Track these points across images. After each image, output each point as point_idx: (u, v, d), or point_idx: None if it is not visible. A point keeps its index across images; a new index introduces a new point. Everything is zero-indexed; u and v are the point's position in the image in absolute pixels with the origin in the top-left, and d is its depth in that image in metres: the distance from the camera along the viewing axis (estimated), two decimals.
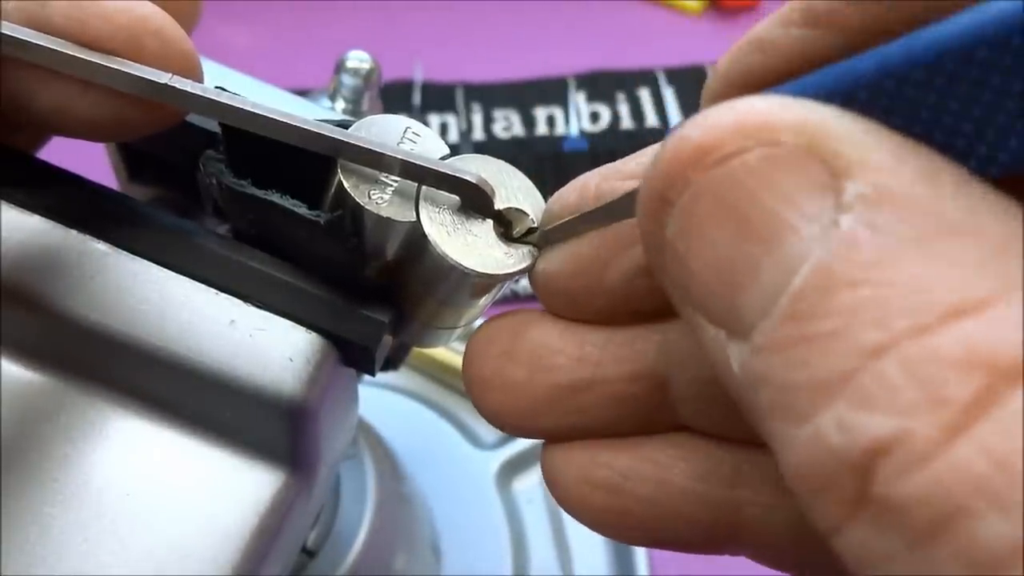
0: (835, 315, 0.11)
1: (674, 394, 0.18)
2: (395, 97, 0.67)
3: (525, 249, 0.18)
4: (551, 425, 0.18)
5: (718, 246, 0.13)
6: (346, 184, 0.18)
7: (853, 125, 0.12)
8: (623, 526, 0.18)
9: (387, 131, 0.19)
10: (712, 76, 0.16)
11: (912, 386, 0.11)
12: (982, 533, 0.10)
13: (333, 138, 0.18)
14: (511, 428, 0.19)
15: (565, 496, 0.19)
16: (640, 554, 0.43)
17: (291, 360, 0.19)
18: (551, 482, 0.19)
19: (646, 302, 0.18)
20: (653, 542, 0.19)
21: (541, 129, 0.67)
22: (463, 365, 0.19)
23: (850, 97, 0.13)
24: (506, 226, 0.19)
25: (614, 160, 0.18)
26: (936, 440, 0.11)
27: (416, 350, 0.44)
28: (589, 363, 0.18)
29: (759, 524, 0.17)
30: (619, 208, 0.17)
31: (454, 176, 0.18)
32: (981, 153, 0.12)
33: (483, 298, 0.20)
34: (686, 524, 0.18)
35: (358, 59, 0.32)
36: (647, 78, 0.71)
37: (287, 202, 0.19)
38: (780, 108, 0.13)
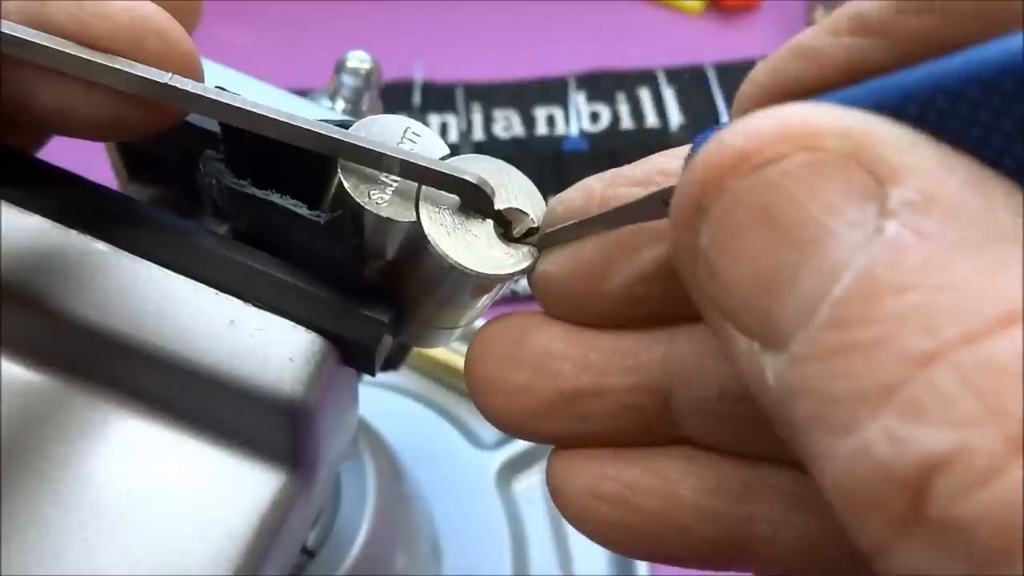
0: (881, 322, 0.11)
1: (678, 407, 0.18)
2: (395, 97, 0.67)
3: (525, 249, 0.18)
4: (553, 430, 0.18)
5: (755, 254, 0.12)
6: (346, 184, 0.18)
7: (900, 133, 0.12)
8: (628, 540, 0.18)
9: (387, 131, 0.19)
10: (748, 84, 0.16)
11: (968, 397, 0.10)
12: None
13: (333, 138, 0.18)
14: (513, 431, 0.19)
15: (570, 508, 0.18)
16: None
17: (291, 360, 0.19)
18: (556, 493, 0.19)
19: (646, 308, 0.18)
20: (659, 557, 0.18)
21: (541, 129, 0.67)
22: (466, 365, 0.19)
23: (898, 111, 0.12)
24: (506, 226, 0.19)
25: (614, 160, 0.18)
26: (999, 455, 0.10)
27: (416, 350, 0.44)
28: (592, 371, 0.18)
29: (768, 540, 0.17)
30: (627, 213, 0.17)
31: (454, 176, 0.18)
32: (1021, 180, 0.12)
33: (483, 298, 0.20)
34: (693, 539, 0.17)
35: (358, 59, 0.32)
36: (647, 78, 0.71)
37: (287, 202, 0.19)
38: (824, 114, 0.12)
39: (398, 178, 0.18)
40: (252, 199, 0.19)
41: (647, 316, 0.18)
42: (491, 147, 0.65)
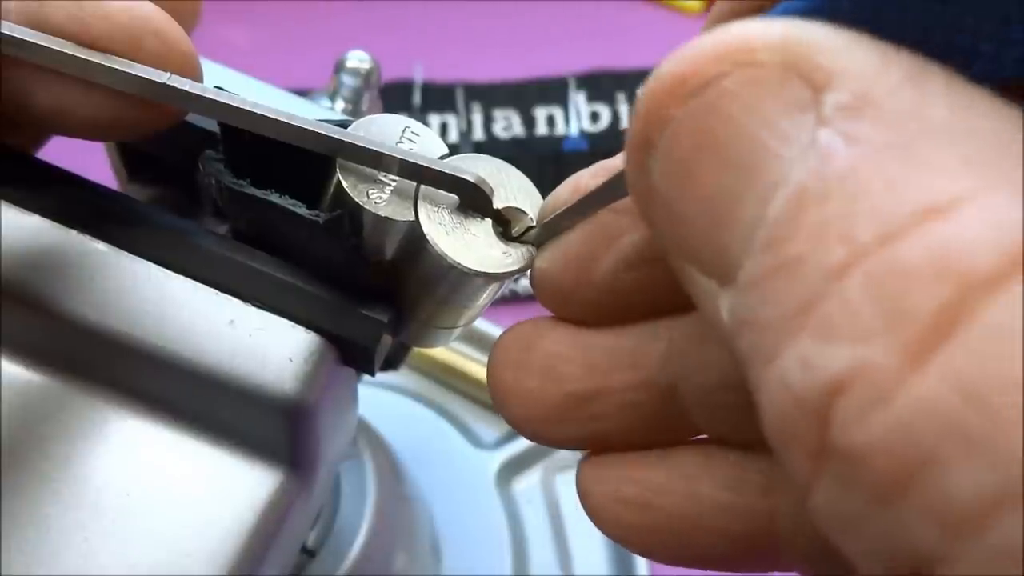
0: (803, 238, 0.10)
1: (684, 401, 0.17)
2: (395, 97, 0.67)
3: (524, 248, 0.18)
4: (570, 433, 0.18)
5: (702, 183, 0.12)
6: (345, 184, 0.18)
7: (836, 36, 0.11)
8: (656, 543, 0.18)
9: (386, 131, 0.19)
10: (707, 21, 0.15)
11: (871, 307, 0.09)
12: (954, 485, 0.09)
13: (332, 138, 0.18)
14: (533, 436, 0.19)
15: (599, 515, 0.18)
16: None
17: (291, 360, 0.19)
18: (584, 499, 0.18)
19: (635, 298, 0.17)
20: (688, 559, 0.18)
21: (541, 129, 0.67)
22: (487, 375, 0.19)
23: (835, 10, 0.11)
24: (505, 225, 0.19)
25: None
26: (897, 370, 0.09)
27: (416, 350, 0.44)
28: (597, 372, 0.18)
29: (796, 532, 0.16)
30: (604, 194, 0.16)
31: (453, 175, 0.18)
32: (978, 63, 0.11)
33: (482, 297, 0.20)
34: (720, 538, 0.17)
35: (358, 59, 0.32)
36: (647, 78, 0.71)
37: (286, 202, 0.19)
38: (756, 28, 0.11)
39: (397, 177, 0.18)
40: (251, 199, 0.19)
41: (642, 307, 0.18)
42: (491, 147, 0.65)
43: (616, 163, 0.17)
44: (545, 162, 0.64)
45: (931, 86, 0.11)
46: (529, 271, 0.18)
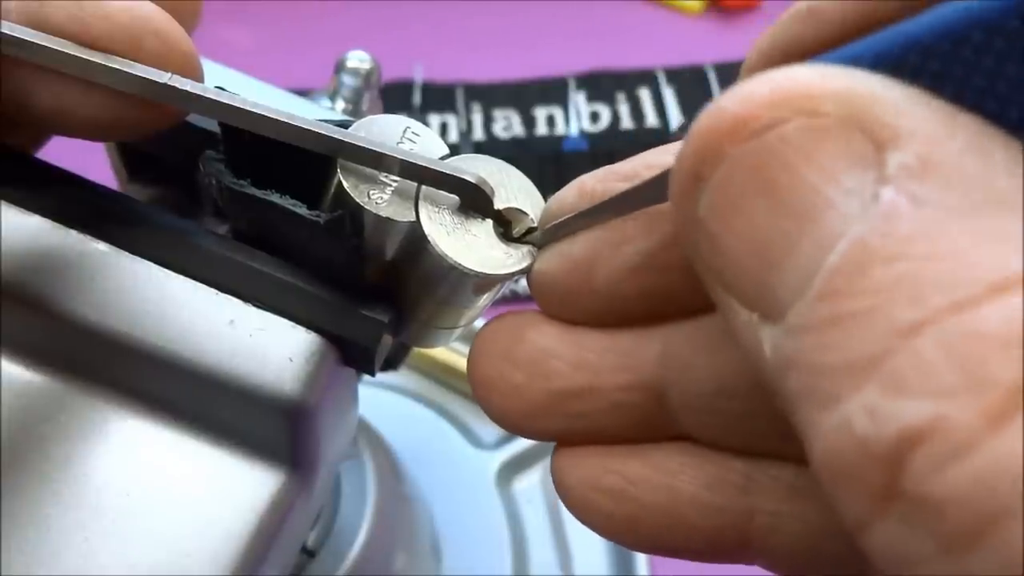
0: (869, 293, 0.11)
1: (674, 404, 0.18)
2: (395, 97, 0.67)
3: (525, 249, 0.18)
4: (552, 428, 0.18)
5: (753, 223, 0.12)
6: (345, 184, 0.18)
7: (900, 93, 0.12)
8: (631, 532, 0.18)
9: (386, 131, 0.19)
10: (751, 52, 0.15)
11: (950, 367, 0.10)
12: None
13: (333, 138, 0.18)
14: (513, 428, 0.19)
15: (572, 500, 0.19)
16: (640, 554, 0.43)
17: (291, 360, 0.19)
18: (560, 486, 0.19)
19: (635, 304, 0.17)
20: (662, 550, 0.18)
21: (541, 129, 0.67)
22: (468, 364, 0.19)
23: (900, 63, 0.12)
24: (506, 226, 0.19)
25: (614, 160, 0.18)
26: (976, 428, 0.10)
27: (416, 350, 0.44)
28: (587, 370, 0.18)
29: (770, 533, 0.17)
30: (614, 205, 0.17)
31: (454, 176, 0.18)
32: None
33: (483, 298, 0.20)
34: (695, 532, 0.17)
35: (358, 59, 0.32)
36: (647, 78, 0.71)
37: (287, 202, 0.19)
38: (821, 77, 0.12)
39: (398, 178, 0.18)
40: (252, 199, 0.19)
41: (641, 313, 0.18)
42: (491, 147, 0.65)
43: (625, 169, 0.17)
44: (545, 162, 0.64)
45: (994, 154, 0.11)
46: (527, 272, 0.18)
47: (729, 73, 0.71)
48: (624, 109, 0.69)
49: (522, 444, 0.46)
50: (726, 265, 0.13)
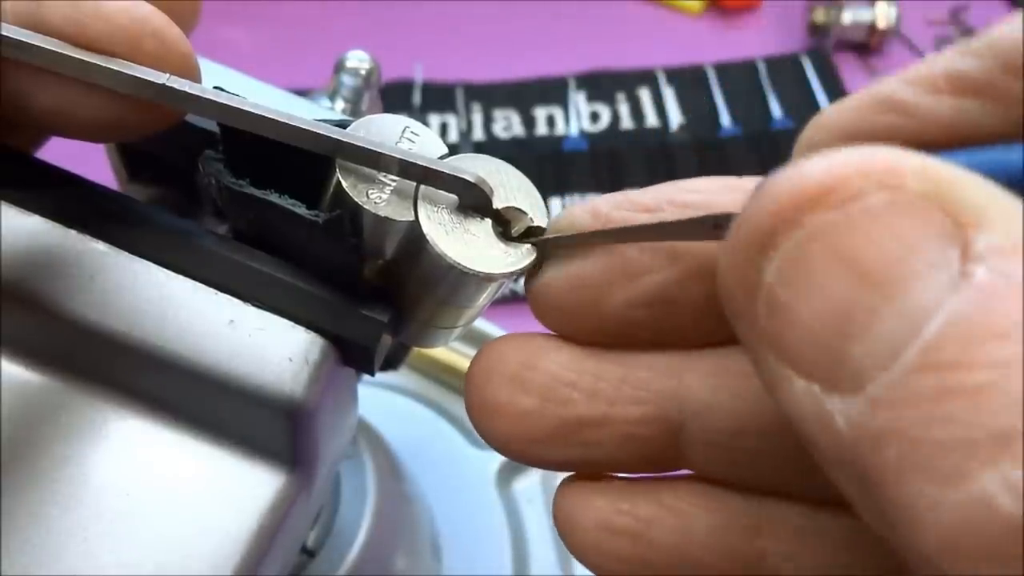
0: (985, 368, 0.11)
1: (687, 441, 0.17)
2: (395, 97, 0.67)
3: (524, 248, 0.18)
4: (556, 456, 0.18)
5: (829, 293, 0.12)
6: (344, 184, 0.18)
7: (981, 181, 0.12)
8: (637, 573, 0.18)
9: (385, 130, 0.19)
10: (815, 130, 0.16)
11: None
12: None
13: (331, 138, 0.18)
14: (514, 455, 0.18)
15: (580, 541, 0.18)
16: None
17: (291, 360, 0.19)
18: (565, 525, 0.18)
19: (641, 332, 0.17)
20: None
21: (541, 129, 0.67)
22: (468, 384, 0.19)
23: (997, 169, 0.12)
24: (505, 225, 0.19)
25: (614, 160, 0.18)
26: None
27: (416, 350, 0.44)
28: (602, 400, 0.18)
29: (782, 572, 0.17)
30: (632, 234, 0.16)
31: (452, 175, 0.18)
32: None
33: (482, 297, 0.20)
34: (705, 572, 0.17)
35: (358, 59, 0.32)
36: (647, 78, 0.71)
37: (286, 202, 0.19)
38: (904, 155, 0.12)
39: (396, 177, 0.18)
40: (251, 199, 0.19)
41: (645, 340, 0.18)
42: (491, 147, 0.66)
43: (646, 200, 0.17)
44: (545, 162, 0.64)
45: None
46: (525, 283, 0.18)
47: (729, 73, 0.71)
48: (624, 109, 0.69)
49: None
50: (789, 333, 0.13)
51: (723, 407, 0.17)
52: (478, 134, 0.67)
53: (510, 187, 0.19)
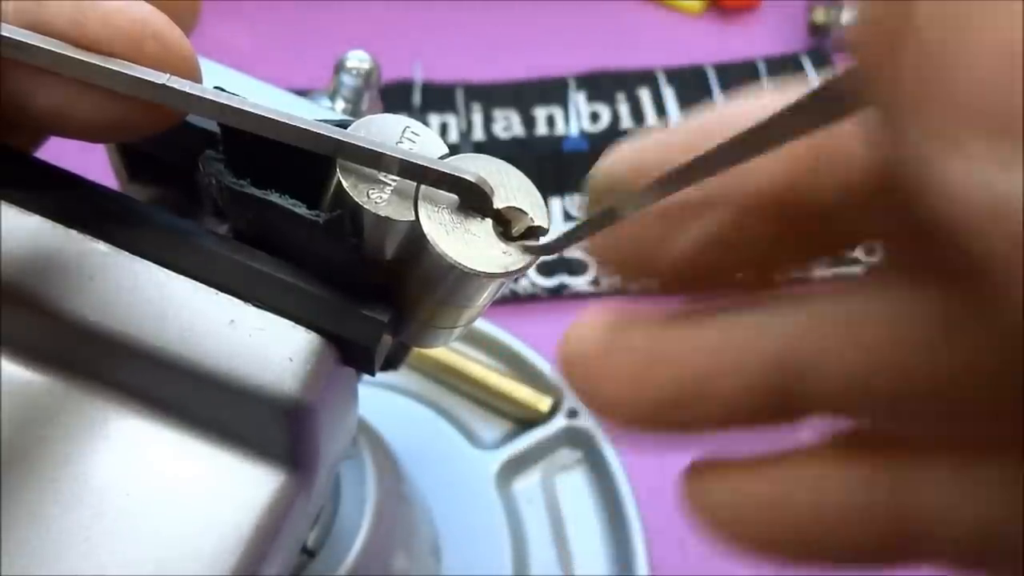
0: None
1: (798, 403, 0.16)
2: (395, 97, 0.67)
3: (524, 248, 0.18)
4: (670, 422, 0.17)
5: (1006, 23, 0.09)
6: (345, 184, 0.18)
7: None
8: (784, 549, 0.17)
9: (386, 131, 0.19)
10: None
11: None
12: None
13: (332, 138, 0.18)
14: (622, 422, 0.18)
15: (719, 523, 0.18)
16: (640, 554, 0.43)
17: (291, 360, 0.19)
18: (700, 509, 0.18)
19: (711, 276, 0.17)
20: (813, 561, 0.17)
21: (541, 129, 0.67)
22: (564, 358, 0.18)
23: None
24: (505, 225, 0.19)
25: None
26: None
27: (416, 350, 0.44)
28: (698, 376, 0.17)
29: (930, 531, 0.16)
30: (686, 176, 0.14)
31: (453, 175, 0.18)
32: None
33: (482, 297, 0.20)
34: (846, 540, 0.17)
35: (358, 59, 0.32)
36: (647, 78, 0.71)
37: (286, 202, 0.19)
38: None
39: (397, 177, 0.18)
40: (251, 199, 0.19)
41: (712, 285, 0.17)
42: (491, 147, 0.66)
43: (680, 140, 0.16)
44: (545, 162, 0.64)
45: None
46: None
47: (729, 73, 0.71)
48: (624, 109, 0.69)
49: (522, 444, 0.46)
50: (957, 83, 0.09)
51: (832, 360, 0.16)
52: (478, 134, 0.67)
53: (510, 187, 0.19)
